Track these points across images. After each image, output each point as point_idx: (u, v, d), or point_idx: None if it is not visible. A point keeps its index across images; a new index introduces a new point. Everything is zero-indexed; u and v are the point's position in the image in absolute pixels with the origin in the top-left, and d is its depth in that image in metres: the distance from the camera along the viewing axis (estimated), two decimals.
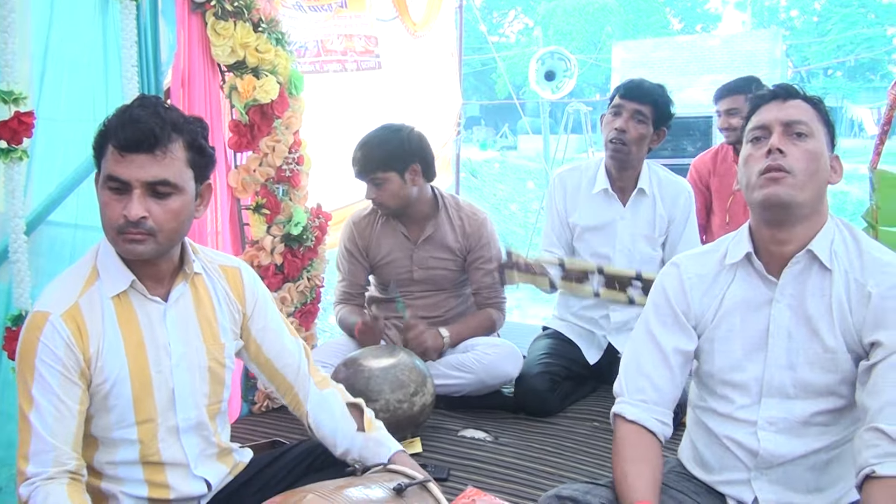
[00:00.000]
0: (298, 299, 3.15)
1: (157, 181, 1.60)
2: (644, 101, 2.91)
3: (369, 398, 2.52)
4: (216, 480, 1.84)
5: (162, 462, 1.76)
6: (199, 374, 1.79)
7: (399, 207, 2.99)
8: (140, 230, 1.60)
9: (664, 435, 1.74)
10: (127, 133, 1.57)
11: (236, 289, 1.88)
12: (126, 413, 1.70)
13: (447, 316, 3.15)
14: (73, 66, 2.44)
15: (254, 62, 2.86)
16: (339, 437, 1.89)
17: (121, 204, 1.59)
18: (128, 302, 1.71)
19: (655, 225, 3.05)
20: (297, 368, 1.94)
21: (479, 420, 2.92)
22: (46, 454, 1.57)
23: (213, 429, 1.84)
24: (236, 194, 3.03)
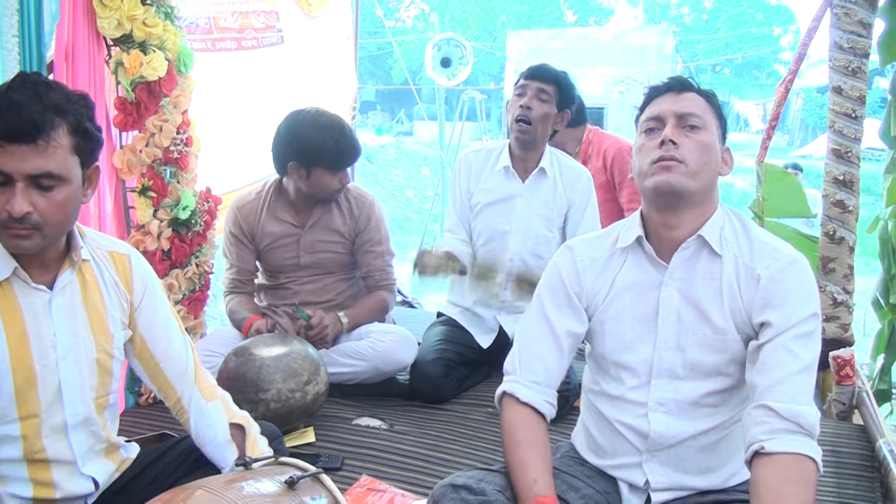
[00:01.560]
0: (187, 286, 3.04)
1: (41, 174, 1.49)
2: (547, 81, 2.95)
3: (261, 388, 2.47)
4: (104, 478, 1.76)
5: (47, 460, 1.66)
6: (88, 367, 1.70)
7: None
8: (25, 225, 1.50)
9: (551, 416, 1.78)
10: (7, 123, 1.45)
11: (125, 276, 1.79)
12: (8, 409, 1.60)
13: (338, 300, 3.11)
14: None
15: (141, 36, 2.73)
16: (219, 458, 1.81)
17: (3, 197, 1.48)
18: (10, 290, 1.61)
19: (554, 206, 3.09)
20: (183, 371, 1.85)
21: (374, 408, 2.89)
22: None
23: (101, 423, 1.75)
24: (122, 176, 2.89)
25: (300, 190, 2.95)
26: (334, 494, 1.55)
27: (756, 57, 35.03)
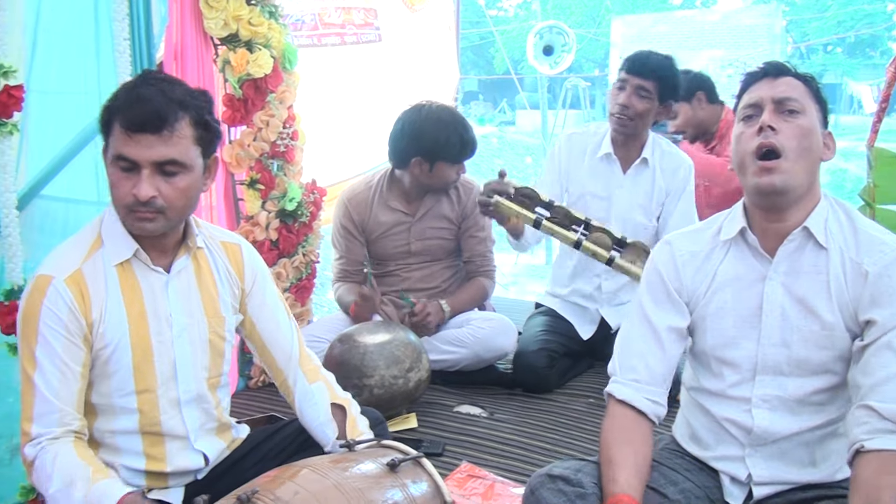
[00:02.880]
0: (294, 275, 3.15)
1: (166, 161, 1.60)
2: (648, 77, 2.88)
3: (364, 374, 2.53)
4: (214, 455, 1.85)
5: (161, 433, 1.76)
6: (201, 347, 1.80)
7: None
8: (150, 209, 1.61)
9: (656, 415, 1.72)
10: (134, 113, 1.57)
11: (236, 264, 1.88)
12: (126, 381, 1.71)
13: (444, 287, 3.16)
14: (64, 39, 2.42)
15: (247, 35, 2.84)
16: (322, 437, 1.87)
17: (130, 182, 1.59)
18: (130, 271, 1.72)
19: (653, 196, 3.04)
20: (289, 354, 1.93)
21: (475, 396, 2.92)
22: (51, 415, 1.58)
23: (213, 402, 1.85)
24: (231, 169, 3.01)
25: (418, 182, 3.02)
26: (435, 478, 1.57)
27: (869, 35, 33.21)
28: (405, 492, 1.49)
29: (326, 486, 1.41)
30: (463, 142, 2.96)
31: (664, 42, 18.39)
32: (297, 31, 4.47)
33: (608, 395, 1.75)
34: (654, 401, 1.72)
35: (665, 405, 1.74)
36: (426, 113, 2.97)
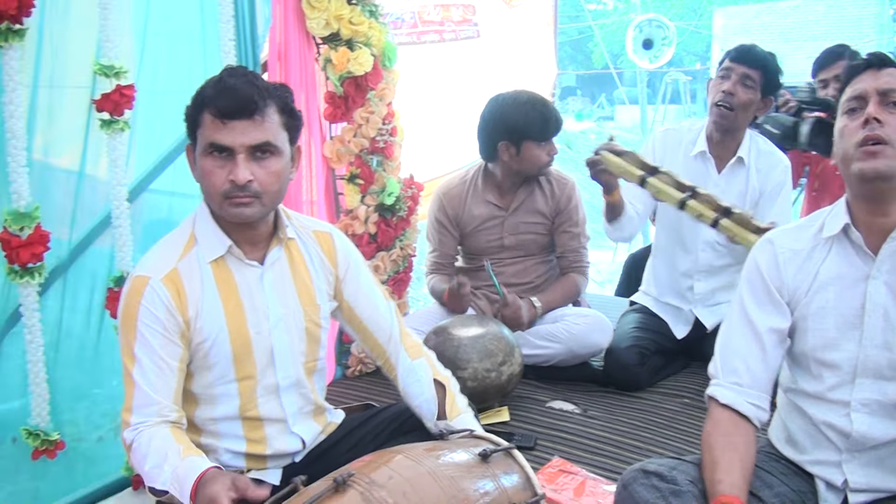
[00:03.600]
0: (391, 268, 3.21)
1: (259, 144, 1.66)
2: (754, 66, 2.81)
3: (458, 366, 2.57)
4: (310, 438, 1.91)
5: (260, 418, 1.83)
6: (297, 335, 1.86)
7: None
8: (247, 193, 1.66)
9: (759, 419, 1.69)
10: (227, 100, 1.63)
11: (329, 253, 1.93)
12: (226, 370, 1.78)
13: (537, 282, 3.17)
14: (172, 41, 2.54)
15: (348, 34, 2.91)
16: (425, 412, 1.92)
17: (225, 170, 1.65)
18: (225, 266, 1.78)
19: (747, 196, 2.97)
20: (390, 333, 1.98)
21: (567, 392, 2.93)
22: (149, 406, 1.66)
23: (310, 386, 1.91)
24: (331, 164, 3.10)
25: (509, 170, 3.04)
26: (526, 471, 1.58)
27: None
28: (496, 482, 1.51)
29: (420, 472, 1.44)
30: (544, 117, 2.96)
31: (768, 33, 17.75)
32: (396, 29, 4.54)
33: (710, 398, 1.73)
34: (757, 405, 1.69)
35: (768, 410, 1.71)
36: (503, 98, 3.01)
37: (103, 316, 2.37)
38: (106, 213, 2.35)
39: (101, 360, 2.40)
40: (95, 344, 2.39)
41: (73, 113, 2.29)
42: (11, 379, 2.24)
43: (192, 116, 1.70)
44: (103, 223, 2.36)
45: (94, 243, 2.37)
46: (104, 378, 2.42)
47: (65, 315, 2.34)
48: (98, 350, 2.39)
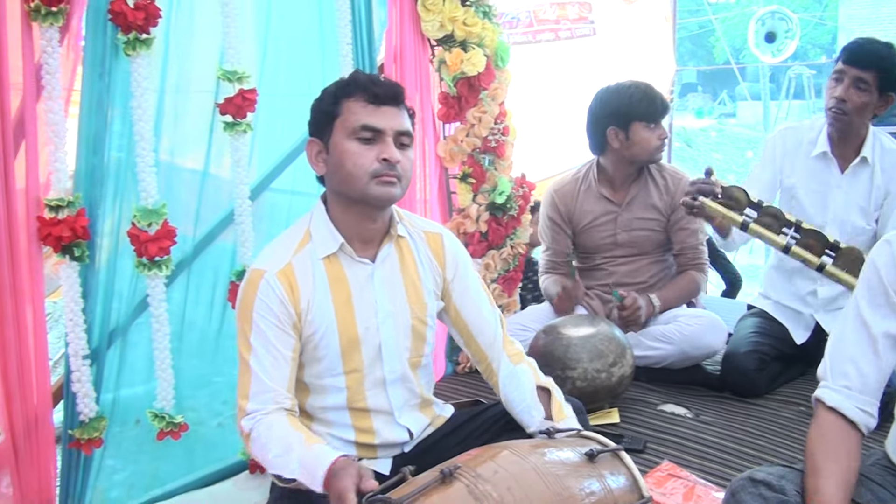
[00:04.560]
0: (502, 266, 3.23)
1: (404, 131, 1.78)
2: (867, 68, 2.68)
3: (567, 366, 2.56)
4: (417, 429, 1.95)
5: (368, 409, 1.89)
6: (404, 332, 1.90)
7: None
8: (395, 172, 1.75)
9: (866, 426, 1.62)
10: (383, 88, 1.76)
11: (438, 253, 1.97)
12: (335, 363, 1.84)
13: (651, 282, 3.12)
14: (291, 46, 2.63)
15: (462, 36, 2.95)
16: (526, 418, 1.91)
17: (373, 151, 1.74)
18: (337, 263, 1.84)
19: (871, 197, 2.84)
20: (493, 339, 2.00)
21: (680, 395, 2.87)
22: (265, 394, 1.74)
23: (416, 380, 1.95)
24: (444, 164, 3.15)
25: (620, 158, 3.01)
26: (633, 473, 1.56)
27: None
28: (602, 482, 1.50)
29: (525, 468, 1.45)
30: (649, 97, 2.93)
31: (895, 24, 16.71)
32: (512, 28, 4.56)
33: (816, 400, 1.67)
34: (865, 410, 1.61)
35: (876, 416, 1.63)
36: (606, 88, 3.02)
37: (225, 308, 2.50)
38: (229, 211, 2.46)
39: (222, 351, 2.52)
40: (217, 335, 2.52)
41: (198, 116, 2.41)
42: (137, 365, 2.37)
43: (328, 109, 1.79)
44: (226, 220, 2.48)
45: (217, 239, 2.50)
46: (225, 367, 2.53)
47: (188, 307, 2.46)
48: (219, 341, 2.52)
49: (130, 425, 2.38)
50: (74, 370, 2.18)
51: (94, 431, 2.21)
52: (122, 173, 2.24)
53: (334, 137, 1.77)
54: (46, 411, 2.15)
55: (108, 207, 2.23)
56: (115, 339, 2.31)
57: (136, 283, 2.31)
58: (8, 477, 2.10)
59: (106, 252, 2.24)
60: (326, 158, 1.80)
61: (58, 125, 2.07)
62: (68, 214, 2.09)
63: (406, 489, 1.41)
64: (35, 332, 2.11)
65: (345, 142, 1.75)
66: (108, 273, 2.25)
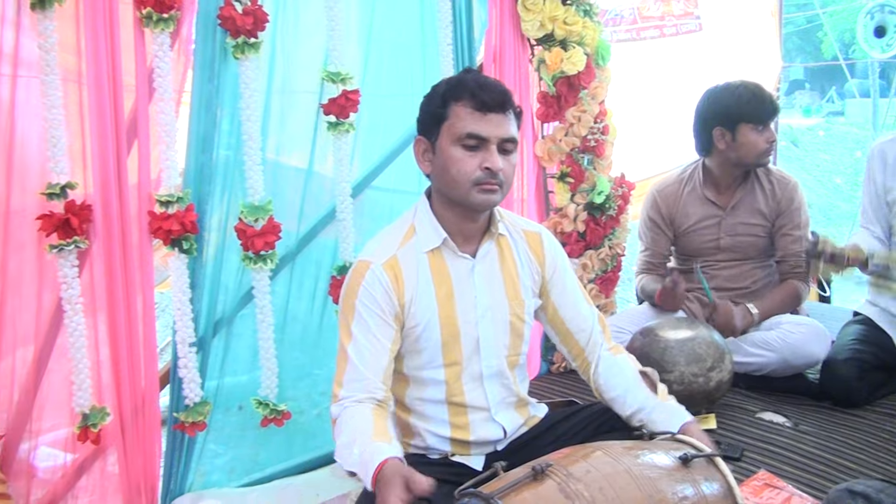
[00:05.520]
0: (599, 266, 3.21)
1: (508, 138, 1.79)
2: None
3: (664, 369, 2.53)
4: (511, 428, 1.97)
5: (465, 404, 1.91)
6: (502, 327, 1.92)
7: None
8: (496, 181, 1.77)
9: None
10: (490, 95, 1.75)
11: (537, 252, 1.99)
12: (435, 355, 1.88)
13: (753, 287, 3.04)
14: (394, 47, 2.69)
15: (562, 35, 2.94)
16: (630, 397, 1.91)
17: (476, 159, 1.76)
18: (440, 257, 1.88)
19: None
20: (590, 335, 2.00)
21: (779, 404, 2.79)
22: (358, 382, 1.77)
23: (512, 378, 1.96)
24: (542, 163, 3.14)
25: (726, 161, 2.95)
26: (728, 480, 1.53)
27: None
28: (696, 488, 1.48)
29: (618, 469, 1.45)
30: (759, 98, 2.85)
31: None
32: (615, 26, 4.52)
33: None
34: None
35: None
36: (715, 87, 2.95)
37: (326, 302, 2.57)
38: (331, 208, 2.53)
39: (323, 343, 2.60)
40: (318, 328, 2.59)
41: (303, 116, 2.49)
42: (241, 355, 2.46)
43: (436, 111, 1.80)
44: (328, 216, 2.55)
45: (320, 235, 2.57)
46: (324, 360, 2.61)
47: (291, 300, 2.54)
48: (320, 334, 2.59)
49: (233, 412, 2.48)
50: (181, 357, 2.29)
51: (198, 415, 2.31)
52: (229, 171, 2.33)
53: (441, 140, 1.80)
54: (153, 395, 2.26)
55: (215, 203, 2.34)
56: (220, 328, 2.41)
57: (241, 276, 2.40)
58: (115, 456, 2.22)
59: (213, 246, 2.34)
60: (432, 158, 1.84)
61: (169, 125, 2.18)
62: (178, 209, 2.19)
63: (497, 484, 1.42)
64: (144, 320, 2.22)
65: (450, 147, 1.78)
66: (215, 266, 2.35)
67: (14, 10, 1.96)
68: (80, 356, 2.09)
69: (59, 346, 2.11)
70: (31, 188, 2.02)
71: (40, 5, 1.93)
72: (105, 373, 2.17)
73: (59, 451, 2.17)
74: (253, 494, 2.42)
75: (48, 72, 1.97)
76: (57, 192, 2.01)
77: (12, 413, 2.06)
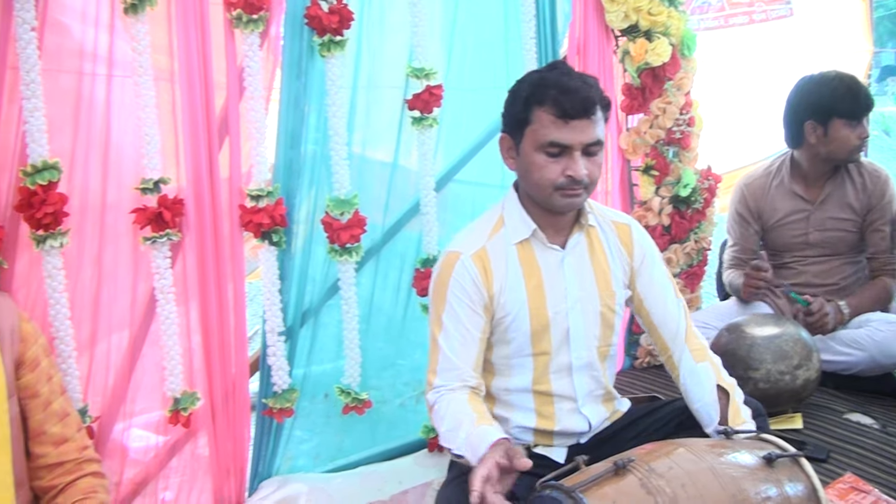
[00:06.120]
0: (684, 261, 3.17)
1: (594, 142, 1.77)
2: None
3: (750, 366, 2.49)
4: (596, 421, 1.97)
5: (551, 394, 1.92)
6: (592, 318, 1.93)
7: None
8: (579, 186, 1.78)
9: None
10: (572, 103, 1.73)
11: (626, 243, 1.99)
12: (524, 346, 1.90)
13: (842, 284, 2.95)
14: (477, 42, 2.70)
15: (646, 25, 2.91)
16: (703, 417, 1.88)
17: (559, 165, 1.76)
18: (529, 248, 1.90)
19: None
20: (676, 332, 1.98)
21: (867, 405, 2.71)
22: (451, 371, 1.81)
23: (601, 370, 1.97)
24: (627, 156, 3.12)
25: (816, 155, 2.88)
26: (813, 482, 1.51)
27: None
28: (780, 488, 1.46)
29: (701, 467, 1.44)
30: (853, 93, 2.76)
31: None
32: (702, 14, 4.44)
33: None
34: None
35: None
36: (810, 77, 2.87)
37: (410, 294, 2.61)
38: (415, 201, 2.57)
39: (406, 335, 2.64)
40: (402, 319, 2.63)
41: (388, 111, 2.52)
42: (327, 345, 2.52)
43: (520, 113, 1.80)
44: (413, 210, 2.59)
45: (404, 228, 2.61)
46: (408, 351, 2.66)
47: (376, 292, 2.59)
48: (404, 325, 2.63)
49: (319, 399, 2.54)
50: (270, 345, 2.35)
51: (286, 402, 2.38)
52: (316, 165, 2.39)
53: (524, 143, 1.80)
54: (243, 381, 2.33)
55: (303, 197, 2.39)
56: (307, 318, 2.46)
57: (327, 268, 2.45)
58: (205, 439, 2.30)
59: (301, 238, 2.40)
60: (517, 158, 1.85)
61: (258, 122, 2.24)
62: (267, 203, 2.25)
63: (579, 477, 1.43)
64: (235, 309, 2.29)
65: (533, 153, 1.78)
66: (302, 258, 2.41)
67: (108, 14, 2.03)
68: (172, 343, 2.17)
69: (152, 333, 2.19)
70: (126, 183, 2.10)
71: (133, 9, 2.00)
72: (196, 359, 2.25)
73: (150, 434, 2.26)
74: (337, 480, 2.48)
75: (142, 72, 2.04)
76: (150, 186, 2.08)
77: (107, 396, 2.15)
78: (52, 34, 1.95)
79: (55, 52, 1.96)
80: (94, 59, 2.03)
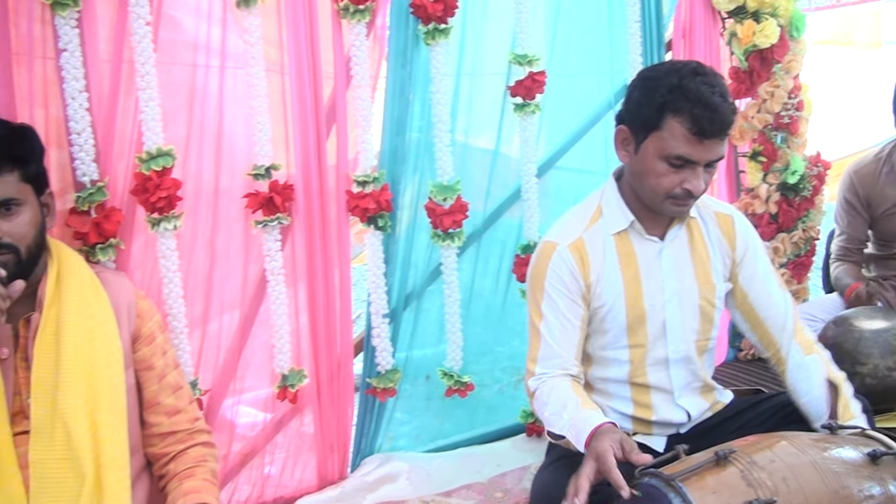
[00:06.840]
0: (791, 250, 3.10)
1: (717, 160, 1.74)
2: None
3: (857, 361, 2.42)
4: (696, 412, 1.95)
5: (648, 385, 1.92)
6: (690, 311, 1.91)
7: None
8: (693, 198, 1.76)
9: None
10: (709, 121, 1.65)
11: (728, 235, 1.95)
12: (619, 336, 1.89)
13: None
14: (580, 27, 2.68)
15: (754, 6, 2.84)
16: (811, 411, 1.85)
17: (679, 177, 1.72)
18: (627, 239, 1.89)
19: None
20: (783, 324, 1.93)
21: None
22: (552, 359, 1.83)
23: (699, 363, 1.94)
24: (733, 141, 3.06)
25: None
26: None
27: None
28: (884, 486, 1.43)
29: (803, 461, 1.42)
30: None
31: None
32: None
33: None
34: None
35: None
36: None
37: (510, 280, 2.63)
38: (516, 188, 2.58)
39: (506, 321, 2.67)
40: (501, 305, 2.66)
41: (491, 98, 2.55)
42: (428, 329, 2.57)
43: (651, 116, 1.72)
44: (514, 196, 2.60)
45: (505, 214, 2.63)
46: (507, 337, 2.68)
47: (476, 277, 2.62)
48: (503, 311, 2.66)
49: (419, 382, 2.60)
50: (375, 327, 2.42)
51: (389, 382, 2.44)
52: (420, 152, 2.43)
53: (647, 145, 1.74)
54: (348, 361, 2.41)
55: (407, 183, 2.44)
56: (410, 302, 2.52)
57: (430, 253, 2.50)
58: (310, 416, 2.38)
59: (405, 223, 2.45)
60: (631, 153, 1.80)
61: (365, 110, 2.29)
62: (373, 189, 2.31)
63: (679, 466, 1.43)
64: (341, 291, 2.36)
65: (654, 159, 1.73)
66: (406, 242, 2.46)
67: (220, 9, 2.11)
68: (281, 322, 2.25)
69: (262, 312, 2.28)
70: (238, 170, 2.18)
71: (244, 3, 2.07)
72: (304, 339, 2.32)
73: (257, 410, 2.35)
74: (437, 459, 2.53)
75: (253, 64, 2.11)
76: (262, 172, 2.16)
77: (217, 372, 2.25)
78: (166, 29, 2.04)
79: (169, 46, 2.05)
80: (207, 51, 2.12)
